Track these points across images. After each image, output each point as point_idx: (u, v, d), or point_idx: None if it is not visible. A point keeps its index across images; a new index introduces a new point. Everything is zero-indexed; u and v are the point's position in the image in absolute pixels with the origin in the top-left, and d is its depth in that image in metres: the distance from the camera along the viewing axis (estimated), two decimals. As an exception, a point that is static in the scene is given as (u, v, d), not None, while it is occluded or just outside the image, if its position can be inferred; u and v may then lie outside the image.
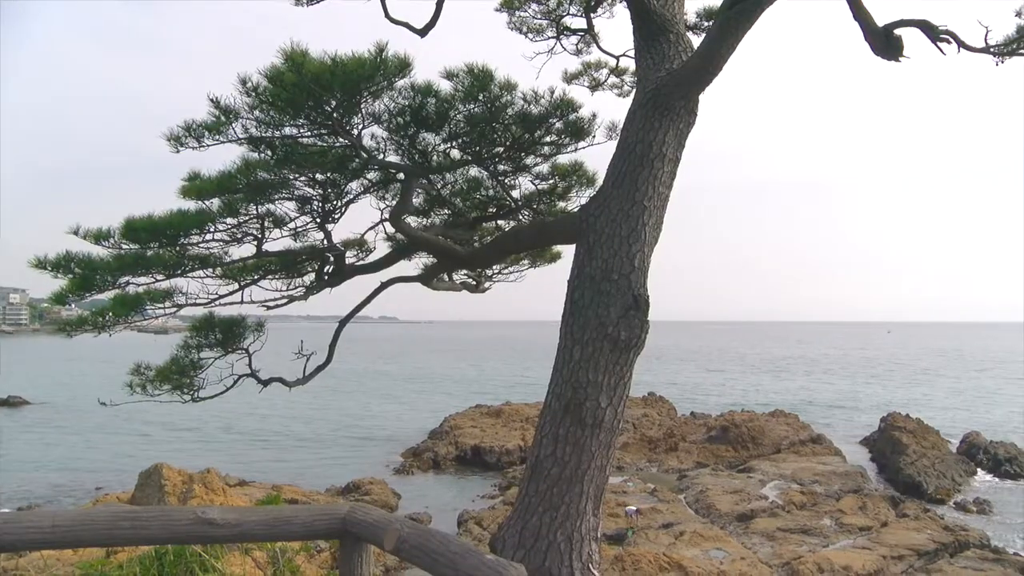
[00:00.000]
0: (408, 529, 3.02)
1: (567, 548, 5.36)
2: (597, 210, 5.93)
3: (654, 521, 23.07)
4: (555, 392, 5.69)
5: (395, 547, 2.96)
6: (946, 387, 79.78)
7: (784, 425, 38.53)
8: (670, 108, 5.94)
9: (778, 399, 61.06)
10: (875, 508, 25.02)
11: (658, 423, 41.91)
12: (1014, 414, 57.04)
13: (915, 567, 20.22)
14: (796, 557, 19.95)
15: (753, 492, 27.18)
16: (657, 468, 32.90)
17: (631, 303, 5.52)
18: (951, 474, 33.07)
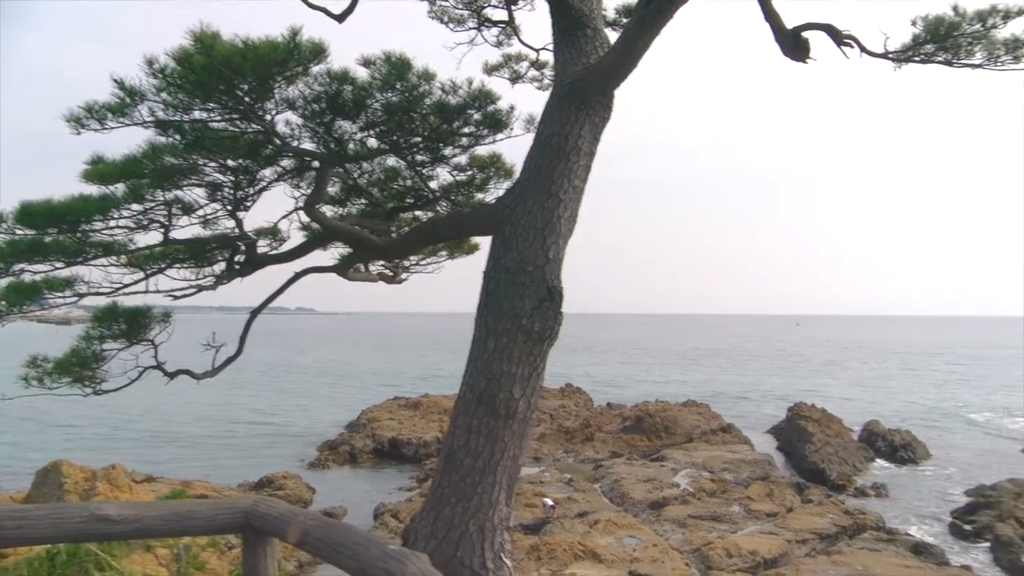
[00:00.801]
0: (312, 522, 2.98)
1: (479, 538, 5.38)
2: (513, 202, 5.96)
3: (570, 510, 23.38)
4: (469, 383, 5.70)
5: (299, 540, 2.92)
6: (849, 378, 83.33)
7: (696, 415, 39.56)
8: (586, 102, 6.01)
9: (690, 390, 62.65)
10: (781, 494, 25.95)
11: (575, 414, 42.47)
12: (909, 403, 60.08)
13: (817, 550, 21.08)
14: (706, 543, 20.53)
15: (666, 480, 27.83)
16: (573, 458, 33.33)
17: (545, 295, 5.57)
18: (852, 461, 34.57)
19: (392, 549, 2.44)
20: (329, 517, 3.86)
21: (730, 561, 19.34)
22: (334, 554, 2.71)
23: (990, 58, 6.36)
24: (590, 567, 18.19)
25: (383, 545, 2.51)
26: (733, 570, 18.43)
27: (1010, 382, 78.97)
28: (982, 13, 6.29)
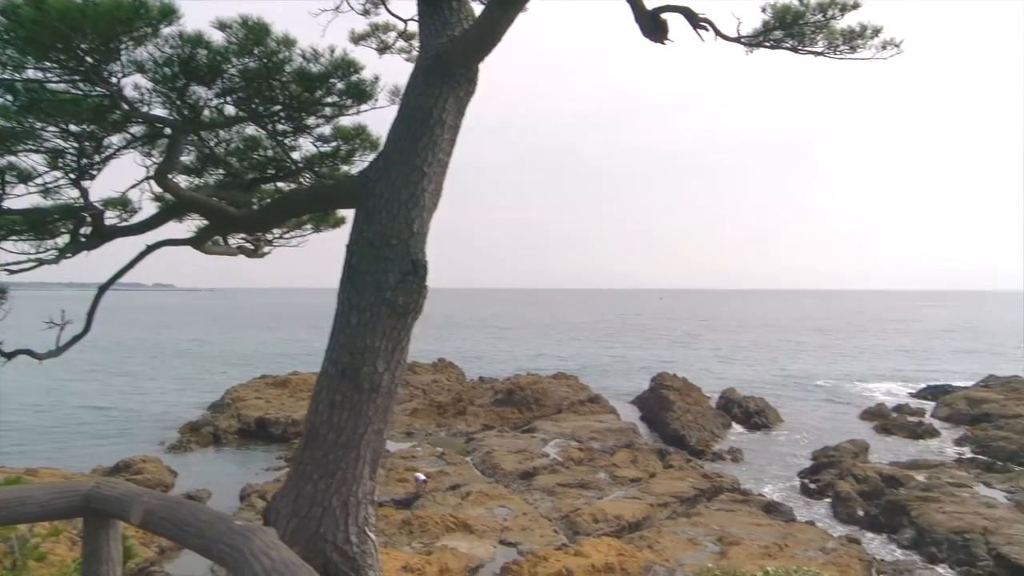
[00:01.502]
0: (157, 501, 2.87)
1: (343, 513, 5.32)
2: (377, 174, 5.86)
3: (442, 484, 23.56)
4: (332, 358, 5.59)
5: (143, 520, 2.80)
6: (708, 348, 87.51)
7: (565, 387, 40.57)
8: (451, 75, 5.96)
9: (560, 362, 64.11)
10: (645, 461, 27.07)
11: (447, 388, 42.67)
12: (763, 372, 63.81)
13: (678, 512, 22.17)
14: (574, 510, 21.18)
15: (536, 451, 28.47)
16: (446, 432, 33.52)
17: (409, 268, 5.52)
18: (711, 427, 36.44)
19: (238, 525, 2.38)
20: (190, 500, 3.72)
21: (596, 526, 20.06)
22: (180, 533, 2.62)
23: (831, 47, 6.75)
24: (461, 538, 18.42)
25: (229, 521, 2.45)
26: (599, 534, 19.09)
27: (854, 352, 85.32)
28: (823, 4, 6.66)
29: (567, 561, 15.83)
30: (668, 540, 18.72)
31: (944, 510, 21.12)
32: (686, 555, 17.56)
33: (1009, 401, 40.55)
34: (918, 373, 62.37)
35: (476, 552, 17.66)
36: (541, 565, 15.70)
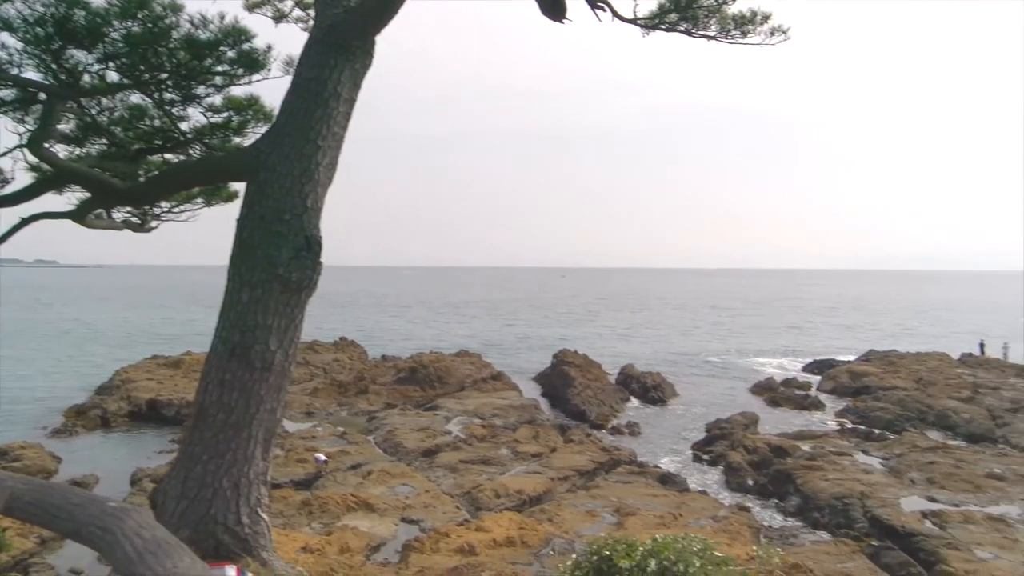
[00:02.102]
0: (23, 486, 2.71)
1: (234, 494, 5.21)
2: (269, 147, 5.70)
3: (343, 463, 23.29)
4: (222, 336, 5.44)
5: (6, 507, 2.65)
6: (608, 325, 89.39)
7: (468, 364, 40.68)
8: (346, 47, 5.83)
9: (464, 340, 64.25)
10: (546, 436, 27.45)
11: (349, 367, 42.14)
12: (661, 348, 65.64)
13: (577, 485, 22.59)
14: (476, 486, 21.31)
15: (439, 428, 28.48)
16: (347, 411, 33.13)
17: (303, 244, 5.41)
18: (610, 402, 37.27)
19: (111, 506, 2.28)
20: (75, 486, 3.53)
21: (498, 501, 20.24)
22: (49, 518, 2.48)
23: (723, 31, 6.95)
24: (363, 517, 18.28)
25: (102, 503, 2.35)
26: (501, 509, 19.28)
27: (746, 329, 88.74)
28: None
29: (469, 536, 15.94)
30: (568, 513, 19.08)
31: (827, 477, 22.26)
32: (585, 527, 17.95)
33: (887, 374, 43.07)
34: (805, 348, 65.45)
35: (377, 530, 17.57)
36: (443, 541, 15.76)
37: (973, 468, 23.32)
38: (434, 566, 14.37)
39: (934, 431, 31.85)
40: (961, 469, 23.12)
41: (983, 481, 21.99)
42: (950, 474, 22.55)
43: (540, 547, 15.89)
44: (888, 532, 18.29)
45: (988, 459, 24.86)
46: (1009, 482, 22.06)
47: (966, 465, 23.65)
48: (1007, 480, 22.23)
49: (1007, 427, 31.42)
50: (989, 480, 22.13)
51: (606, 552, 5.54)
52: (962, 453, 25.69)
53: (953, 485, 21.63)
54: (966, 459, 24.55)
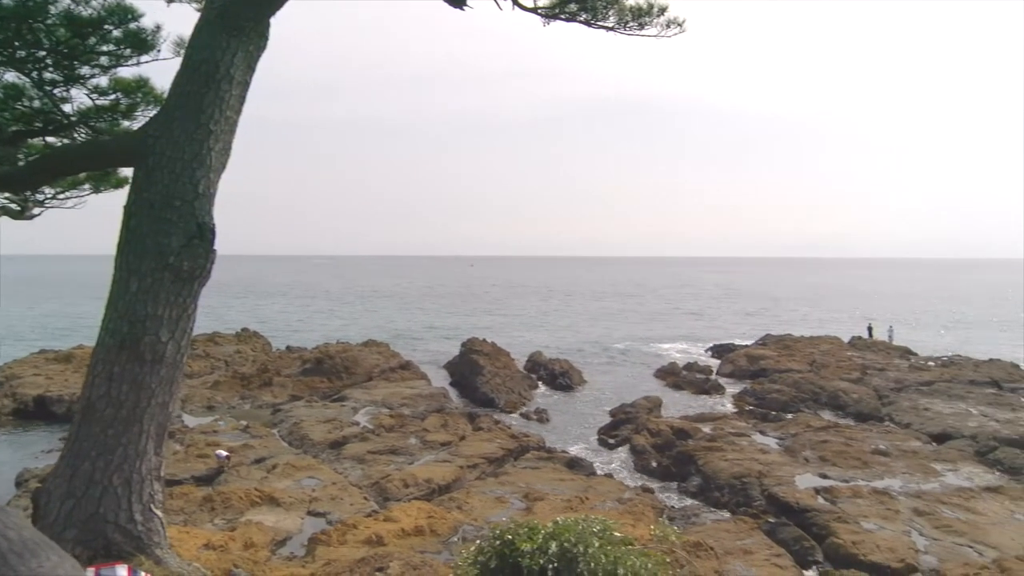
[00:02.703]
0: None
1: (125, 491, 5.00)
2: (158, 131, 5.47)
3: (246, 457, 22.75)
4: (109, 328, 5.21)
5: None
6: (516, 314, 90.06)
7: (376, 354, 40.28)
8: (239, 29, 5.64)
9: (371, 330, 63.60)
10: (455, 424, 27.48)
11: (252, 359, 41.10)
12: (568, 335, 66.54)
13: (486, 472, 22.73)
14: (384, 476, 21.17)
15: (346, 419, 28.12)
16: (251, 404, 32.32)
17: (195, 232, 5.23)
18: (519, 389, 37.57)
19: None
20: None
21: (407, 491, 20.17)
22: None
23: (620, 22, 7.06)
24: (268, 512, 17.92)
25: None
26: (410, 499, 19.22)
27: (650, 315, 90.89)
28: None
29: (377, 527, 15.84)
30: (477, 500, 19.18)
31: (726, 458, 23.07)
32: (493, 513, 18.07)
33: (782, 357, 44.90)
34: (706, 334, 67.52)
35: (283, 525, 17.26)
36: (351, 533, 15.62)
37: (861, 445, 24.59)
38: (341, 558, 14.22)
39: (826, 411, 33.40)
40: (850, 447, 24.34)
41: (870, 457, 23.23)
42: (840, 452, 23.71)
43: (449, 535, 15.94)
44: (784, 509, 19.11)
45: (874, 436, 26.26)
46: (893, 457, 23.37)
47: (855, 443, 24.92)
48: (891, 456, 23.54)
49: (892, 406, 33.24)
50: (875, 456, 23.38)
51: (508, 536, 5.60)
52: (851, 431, 27.04)
53: (843, 462, 22.75)
54: (855, 437, 25.86)
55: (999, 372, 39.75)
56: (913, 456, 23.63)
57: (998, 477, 22.19)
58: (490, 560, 5.58)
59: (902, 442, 25.49)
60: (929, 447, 25.38)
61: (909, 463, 22.77)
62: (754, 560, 15.34)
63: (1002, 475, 22.55)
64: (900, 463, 22.78)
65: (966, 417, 29.76)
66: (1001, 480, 21.84)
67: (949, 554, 15.90)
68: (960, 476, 21.63)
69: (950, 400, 33.12)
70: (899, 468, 22.24)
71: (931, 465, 22.64)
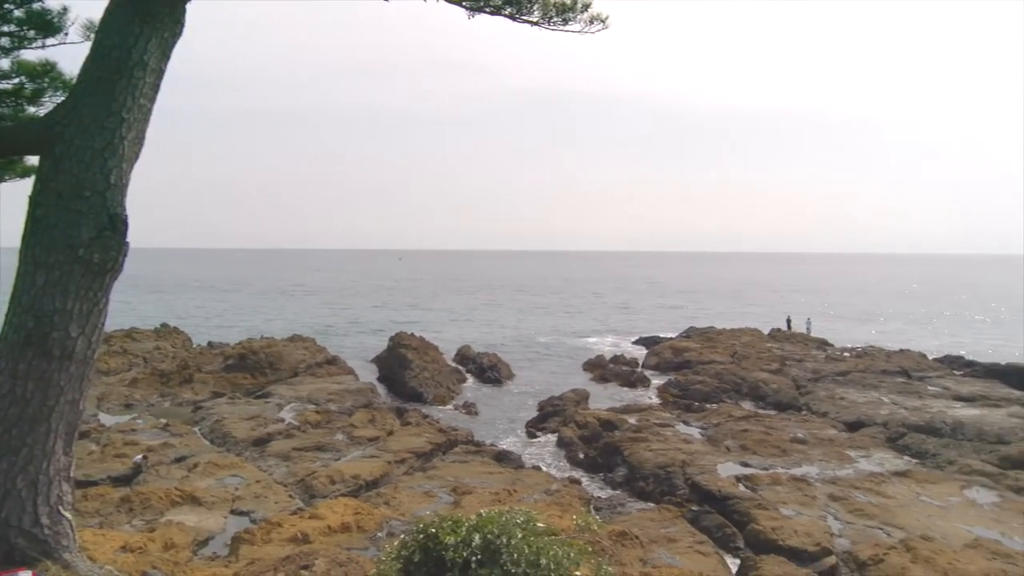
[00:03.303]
0: None
1: (31, 493, 4.79)
2: (66, 118, 5.25)
3: (166, 457, 22.10)
4: (14, 323, 4.97)
5: None
6: (445, 308, 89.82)
7: (302, 349, 39.61)
8: (153, 15, 5.45)
9: (297, 325, 62.56)
10: (383, 420, 27.26)
11: (172, 355, 39.94)
12: (496, 329, 66.70)
13: (415, 467, 22.63)
14: (310, 473, 20.86)
15: (271, 416, 27.60)
16: (170, 402, 31.38)
17: (106, 223, 5.03)
18: (447, 383, 37.52)
19: None
20: None
21: (333, 487, 19.93)
22: None
23: (545, 17, 7.09)
24: (189, 512, 17.46)
25: None
26: (336, 495, 19.00)
27: (578, 309, 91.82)
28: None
29: (302, 525, 15.60)
30: (405, 495, 19.08)
31: (651, 448, 23.50)
32: (421, 508, 17.99)
33: (705, 349, 45.93)
34: (632, 327, 68.62)
35: (205, 524, 16.84)
36: (275, 531, 15.34)
37: (780, 434, 25.38)
38: (266, 557, 13.96)
39: (747, 401, 34.36)
40: (770, 435, 25.09)
41: (788, 445, 23.99)
42: (760, 440, 24.42)
43: (376, 531, 15.80)
44: (706, 497, 19.58)
45: (793, 425, 27.14)
46: (810, 445, 24.18)
47: (774, 431, 25.70)
48: (808, 444, 24.36)
49: (809, 395, 34.39)
50: (793, 444, 24.15)
51: (432, 530, 5.59)
52: (771, 420, 27.88)
53: (763, 450, 23.44)
54: (774, 426, 26.67)
55: (908, 362, 41.57)
56: (829, 444, 24.50)
57: (906, 462, 23.22)
58: (413, 554, 5.56)
59: (819, 430, 26.40)
60: (844, 435, 26.37)
61: (825, 450, 23.60)
62: (678, 547, 15.67)
63: (910, 460, 23.62)
64: (817, 451, 23.58)
65: (878, 405, 31.01)
66: (909, 465, 22.86)
67: (861, 536, 16.54)
68: (872, 462, 22.52)
69: (863, 389, 34.47)
70: (816, 455, 23.02)
71: (846, 452, 23.52)
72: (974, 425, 27.00)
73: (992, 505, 18.81)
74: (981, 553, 15.15)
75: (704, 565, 14.76)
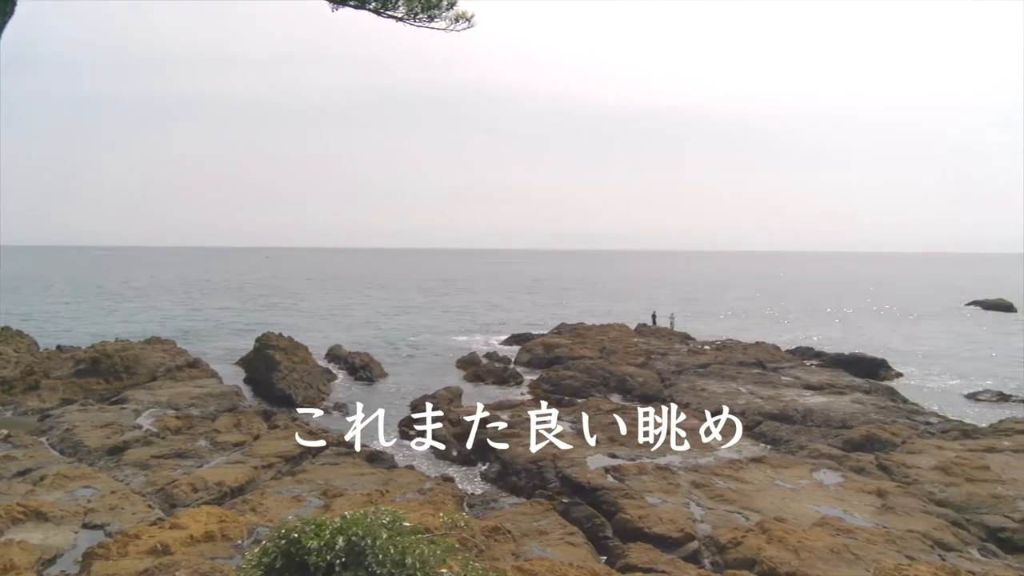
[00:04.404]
0: None
1: None
2: None
3: (7, 470, 20.56)
4: None
5: None
6: (314, 307, 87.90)
7: (161, 352, 37.77)
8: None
9: (154, 327, 59.66)
10: (249, 424, 26.40)
11: (15, 360, 37.10)
12: (367, 329, 65.86)
13: (283, 471, 22.05)
14: (171, 482, 19.96)
15: (127, 423, 26.23)
16: (13, 411, 29.21)
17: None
18: (317, 384, 36.72)
19: None
20: None
21: (196, 495, 19.16)
22: None
23: (410, 13, 7.05)
24: (34, 528, 16.32)
25: None
26: (199, 504, 18.25)
27: (451, 307, 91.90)
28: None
29: (162, 536, 14.87)
30: (272, 500, 18.56)
31: (523, 444, 23.77)
32: (290, 513, 17.54)
33: (575, 345, 46.98)
34: (505, 324, 69.33)
35: (52, 541, 15.78)
36: (132, 544, 14.55)
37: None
38: (122, 571, 13.27)
39: (615, 394, 35.41)
40: (636, 428, 25.89)
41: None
42: (627, 433, 25.16)
43: (242, 538, 15.28)
44: (577, 489, 20.03)
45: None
46: (553, 433, 24.95)
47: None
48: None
49: (673, 387, 35.82)
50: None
51: (294, 534, 5.45)
52: (637, 413, 28.77)
53: (630, 442, 24.14)
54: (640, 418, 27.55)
55: (763, 354, 44.00)
56: (691, 434, 25.54)
57: (762, 448, 24.60)
58: (275, 560, 5.40)
59: (683, 421, 27.46)
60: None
61: (688, 440, 24.58)
62: (549, 540, 15.97)
63: (766, 446, 25.02)
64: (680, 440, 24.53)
65: (736, 395, 32.66)
66: (764, 451, 24.22)
67: (721, 521, 17.35)
68: (731, 450, 23.65)
69: (723, 380, 36.22)
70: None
71: (707, 441, 24.58)
72: (822, 412, 28.91)
73: (837, 485, 20.17)
74: (827, 530, 16.22)
75: (575, 555, 15.09)
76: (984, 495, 19.57)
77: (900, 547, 15.46)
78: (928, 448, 23.94)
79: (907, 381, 41.41)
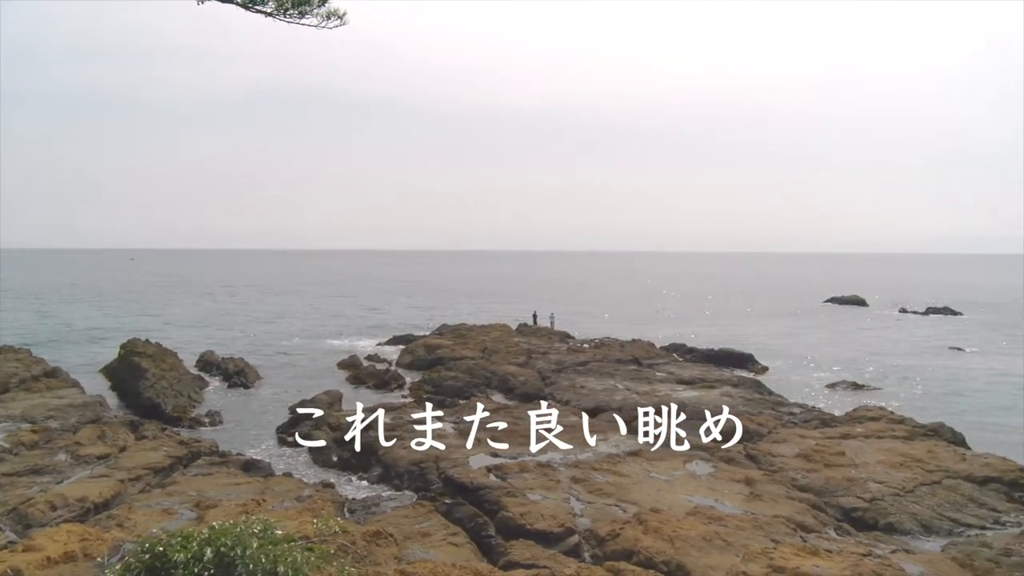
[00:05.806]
0: None
1: None
2: None
3: None
4: None
5: None
6: (187, 312, 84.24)
7: (14, 361, 35.20)
8: None
9: (3, 335, 55.71)
10: (115, 435, 25.04)
11: None
12: (242, 333, 63.61)
13: (152, 484, 21.02)
14: (25, 500, 18.68)
15: (-25, 440, 24.30)
16: None
17: None
18: (188, 392, 35.21)
19: None
20: None
21: (54, 514, 18.01)
22: None
23: (280, 8, 6.87)
24: None
25: None
26: (58, 522, 17.12)
27: (329, 310, 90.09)
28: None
29: (14, 560, 13.83)
30: (141, 514, 17.66)
31: (405, 446, 23.57)
32: (160, 526, 16.73)
33: (457, 346, 47.01)
34: (386, 325, 68.58)
35: None
36: (-22, 571, 13.50)
37: (527, 424, 26.51)
38: (-35, 603, 12.28)
39: (497, 394, 35.65)
40: (518, 426, 26.11)
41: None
42: (509, 431, 25.36)
43: (104, 556, 14.45)
44: (460, 489, 20.03)
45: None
46: (553, 433, 25.51)
47: (522, 422, 26.79)
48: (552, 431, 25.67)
49: (553, 385, 36.39)
50: (539, 433, 25.34)
51: (159, 548, 5.19)
52: (519, 411, 29.05)
53: (512, 440, 24.36)
54: (522, 416, 27.80)
55: (639, 351, 45.38)
56: (571, 430, 26.02)
57: (638, 442, 25.24)
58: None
59: (563, 418, 27.92)
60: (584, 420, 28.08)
61: (568, 436, 25.03)
62: (432, 541, 15.89)
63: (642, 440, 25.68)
64: (561, 437, 24.93)
65: (613, 392, 33.52)
66: (641, 445, 24.88)
67: (600, 514, 17.77)
68: (609, 445, 24.25)
69: (601, 377, 37.09)
70: (560, 442, 24.33)
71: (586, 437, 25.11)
72: (694, 405, 30.04)
73: (708, 476, 21.04)
74: (700, 519, 16.88)
75: (458, 556, 15.08)
76: (840, 479, 20.91)
77: (767, 532, 16.28)
78: (792, 437, 25.35)
79: (772, 375, 43.63)
